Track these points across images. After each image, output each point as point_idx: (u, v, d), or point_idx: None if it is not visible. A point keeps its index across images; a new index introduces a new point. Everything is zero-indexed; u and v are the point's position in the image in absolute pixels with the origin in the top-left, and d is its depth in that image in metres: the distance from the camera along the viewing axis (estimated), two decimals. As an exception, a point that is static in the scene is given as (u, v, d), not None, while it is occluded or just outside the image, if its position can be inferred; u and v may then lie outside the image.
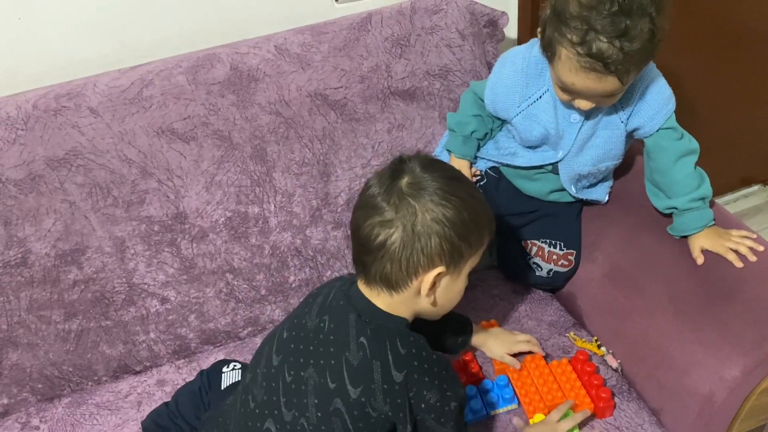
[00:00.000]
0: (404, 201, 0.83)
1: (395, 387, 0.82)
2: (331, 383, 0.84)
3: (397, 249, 0.83)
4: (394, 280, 0.85)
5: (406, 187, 0.84)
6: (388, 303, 0.88)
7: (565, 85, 1.01)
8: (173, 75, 1.18)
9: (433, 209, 0.83)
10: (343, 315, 0.87)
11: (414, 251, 0.83)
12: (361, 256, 0.86)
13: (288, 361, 0.88)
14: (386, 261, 0.84)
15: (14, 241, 1.11)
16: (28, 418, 1.15)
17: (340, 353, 0.84)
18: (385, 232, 0.83)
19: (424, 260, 0.84)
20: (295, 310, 0.94)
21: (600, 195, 1.25)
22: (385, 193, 0.84)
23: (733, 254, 1.09)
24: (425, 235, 0.82)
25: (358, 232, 0.86)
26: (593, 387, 1.09)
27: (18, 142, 1.10)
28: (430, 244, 0.83)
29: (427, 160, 0.88)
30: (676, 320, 1.08)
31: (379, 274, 0.85)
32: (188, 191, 1.18)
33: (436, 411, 0.84)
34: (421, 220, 0.82)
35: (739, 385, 1.00)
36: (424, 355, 0.85)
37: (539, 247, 1.25)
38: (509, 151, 1.22)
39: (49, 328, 1.15)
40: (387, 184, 0.85)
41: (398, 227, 0.82)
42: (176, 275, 1.19)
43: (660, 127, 1.10)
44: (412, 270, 0.84)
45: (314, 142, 1.24)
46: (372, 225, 0.83)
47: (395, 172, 0.85)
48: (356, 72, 1.25)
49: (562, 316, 1.27)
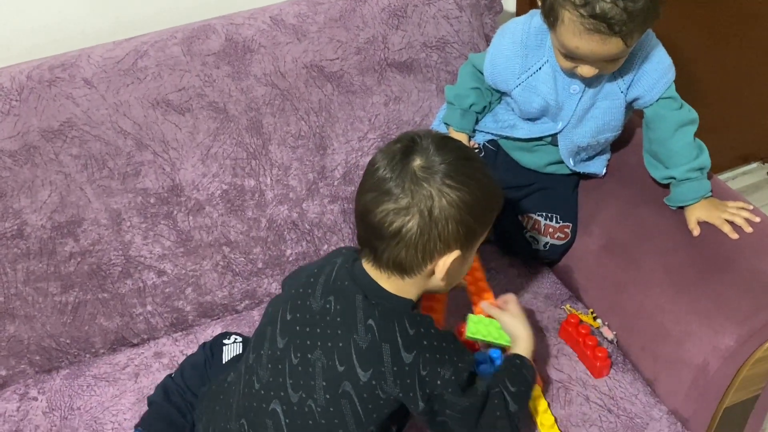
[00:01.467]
0: (419, 185, 0.80)
1: (405, 368, 0.82)
2: (340, 366, 0.83)
3: (413, 236, 0.81)
4: (408, 265, 0.83)
5: (420, 170, 0.81)
6: (398, 286, 0.86)
7: (569, 50, 1.00)
8: (168, 46, 1.17)
9: (449, 193, 0.80)
10: (350, 296, 0.86)
11: (431, 237, 0.81)
12: (371, 240, 0.84)
13: (294, 343, 0.87)
14: (401, 248, 0.82)
15: (9, 213, 1.11)
16: (27, 389, 1.16)
17: (348, 336, 0.84)
18: (401, 219, 0.80)
19: (441, 245, 0.82)
20: (296, 290, 0.92)
21: (597, 168, 1.25)
22: (398, 177, 0.81)
23: (728, 226, 1.09)
24: (442, 220, 0.81)
25: (368, 217, 0.83)
26: (588, 348, 1.10)
27: (12, 113, 1.10)
28: (448, 229, 0.81)
29: (439, 139, 0.84)
30: (672, 291, 1.09)
31: (393, 260, 0.83)
32: (184, 163, 1.18)
33: (452, 384, 0.84)
34: (438, 205, 0.80)
35: (733, 354, 1.01)
36: (432, 332, 0.85)
37: (536, 221, 1.25)
38: (508, 124, 1.22)
39: (46, 300, 1.15)
40: (399, 166, 0.81)
41: (414, 214, 0.80)
42: (173, 248, 1.19)
43: (660, 97, 1.09)
44: (428, 256, 0.83)
45: (310, 115, 1.23)
46: (386, 211, 0.81)
47: (406, 151, 0.82)
48: (352, 43, 1.24)
49: (558, 289, 1.27)
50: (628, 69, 1.09)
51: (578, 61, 1.02)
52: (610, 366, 1.10)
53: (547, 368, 1.12)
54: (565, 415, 1.06)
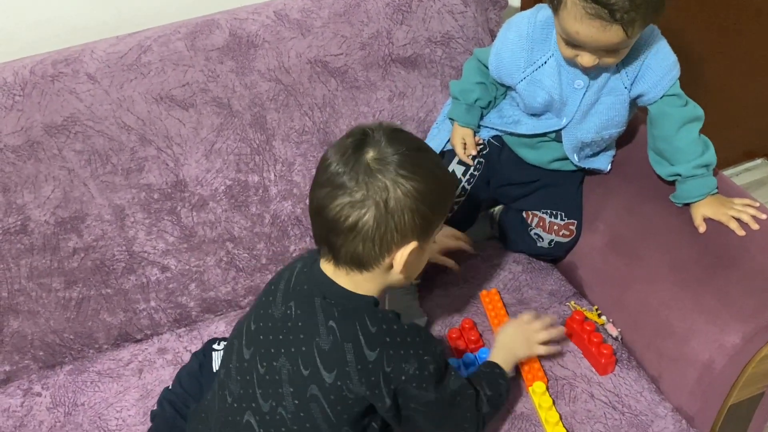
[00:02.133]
0: (373, 177, 0.79)
1: (369, 366, 0.81)
2: (305, 370, 0.82)
3: (370, 229, 0.80)
4: (366, 259, 0.82)
5: (373, 162, 0.79)
6: (356, 281, 0.85)
7: (570, 35, 1.00)
8: (171, 41, 1.16)
9: (404, 183, 0.79)
10: (309, 299, 0.85)
11: (388, 229, 0.80)
12: (328, 237, 0.82)
13: (259, 352, 0.86)
14: (358, 242, 0.81)
15: (13, 209, 1.11)
16: (30, 384, 1.16)
17: (310, 339, 0.83)
18: (356, 212, 0.79)
19: (398, 237, 0.81)
20: (259, 300, 0.91)
21: (602, 164, 1.24)
22: (352, 171, 0.79)
23: (735, 222, 1.09)
24: (398, 211, 0.80)
25: (323, 213, 0.81)
26: (593, 344, 1.10)
27: (15, 108, 1.09)
28: (404, 220, 0.80)
29: (390, 130, 0.83)
30: (677, 288, 1.08)
31: (350, 255, 0.82)
32: (188, 159, 1.17)
33: (416, 379, 0.83)
34: (393, 196, 0.79)
35: (739, 352, 1.01)
36: (395, 328, 0.84)
37: (540, 218, 1.25)
38: (513, 120, 1.21)
39: (50, 295, 1.15)
40: (351, 159, 0.80)
41: (370, 207, 0.79)
42: (176, 244, 1.19)
43: (664, 94, 1.09)
44: (385, 248, 0.82)
45: (314, 110, 1.23)
46: (341, 206, 0.79)
47: (358, 145, 0.81)
48: (357, 38, 1.23)
49: (563, 286, 1.27)
50: (632, 65, 1.08)
51: (579, 48, 1.02)
52: (614, 363, 1.10)
53: (552, 365, 1.12)
54: (570, 411, 1.06)
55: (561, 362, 1.12)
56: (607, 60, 1.03)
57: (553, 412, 1.03)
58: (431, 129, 1.30)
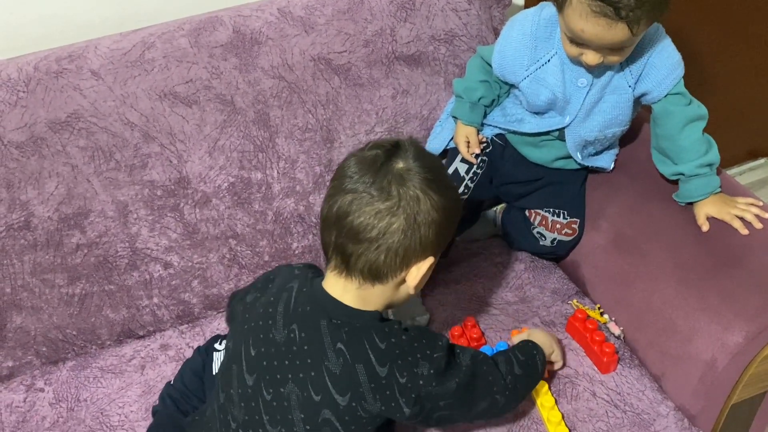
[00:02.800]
0: (405, 187, 0.79)
1: (382, 381, 0.81)
2: (316, 395, 0.81)
3: (396, 239, 0.79)
4: (384, 271, 0.81)
5: (405, 173, 0.79)
6: (365, 296, 0.83)
7: (575, 34, 0.99)
8: (175, 38, 1.16)
9: (433, 197, 0.80)
10: (313, 322, 0.83)
11: (413, 241, 0.80)
12: (345, 246, 0.81)
13: (264, 379, 0.84)
14: (381, 251, 0.79)
15: (17, 205, 1.11)
16: (33, 380, 1.16)
17: (319, 363, 0.82)
18: (386, 221, 0.78)
19: (420, 250, 0.81)
20: (255, 323, 0.88)
21: (606, 162, 1.24)
22: (384, 180, 0.79)
23: (738, 221, 1.09)
24: (425, 224, 0.79)
25: (344, 220, 0.79)
26: (596, 343, 1.10)
27: (20, 105, 1.09)
28: (428, 234, 0.80)
29: (417, 145, 0.84)
30: (680, 287, 1.08)
31: (369, 266, 0.81)
32: (191, 156, 1.17)
33: (433, 378, 0.83)
34: (424, 208, 0.79)
35: (742, 351, 1.00)
36: (403, 338, 0.83)
37: (543, 217, 1.25)
38: (516, 118, 1.21)
39: (53, 291, 1.15)
40: (382, 169, 0.79)
41: (400, 216, 0.78)
42: (179, 240, 1.19)
43: (668, 93, 1.09)
44: (405, 261, 0.81)
45: (318, 108, 1.23)
46: (369, 213, 0.78)
47: (389, 155, 0.81)
48: (360, 36, 1.23)
49: (565, 284, 1.27)
50: (636, 63, 1.08)
51: (583, 47, 1.02)
52: (617, 362, 1.10)
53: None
54: (572, 410, 1.06)
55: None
56: (612, 58, 1.02)
57: (556, 412, 1.03)
58: (434, 127, 1.30)
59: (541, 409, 1.05)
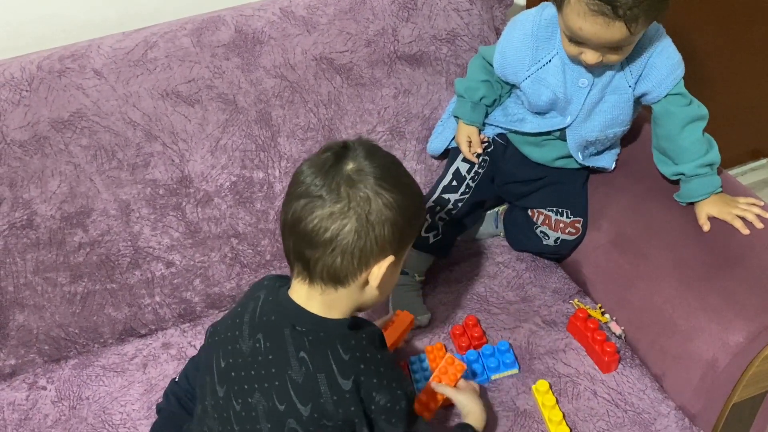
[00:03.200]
0: (355, 188, 0.78)
1: (345, 395, 0.80)
2: (280, 405, 0.81)
3: (350, 241, 0.78)
4: (344, 274, 0.80)
5: (354, 173, 0.79)
6: (330, 301, 0.83)
7: (573, 32, 1.00)
8: (178, 37, 1.17)
9: (385, 195, 0.79)
10: (278, 331, 0.83)
11: (368, 241, 0.79)
12: (303, 252, 0.80)
13: (233, 390, 0.84)
14: (337, 255, 0.79)
15: (20, 203, 1.11)
16: (36, 378, 1.16)
17: (282, 372, 0.81)
18: (337, 224, 0.78)
19: (377, 250, 0.80)
20: (224, 335, 0.88)
21: (607, 162, 1.24)
22: (332, 182, 0.78)
23: (739, 221, 1.09)
24: (379, 223, 0.79)
25: (299, 226, 0.79)
26: (597, 342, 1.10)
27: (23, 104, 1.10)
28: (384, 233, 0.79)
29: (368, 144, 0.83)
30: (681, 287, 1.08)
31: (327, 270, 0.80)
32: (193, 155, 1.18)
33: (386, 412, 0.83)
34: (375, 207, 0.78)
35: (743, 351, 1.01)
36: (368, 356, 0.82)
37: (546, 216, 1.25)
38: (517, 118, 1.21)
39: (55, 290, 1.15)
40: (332, 171, 0.79)
41: (351, 217, 0.78)
42: (181, 239, 1.20)
43: (668, 93, 1.09)
44: (363, 262, 0.80)
45: (319, 107, 1.23)
46: (320, 217, 0.78)
47: (338, 157, 0.80)
48: (362, 36, 1.23)
49: (567, 284, 1.27)
50: (636, 63, 1.08)
51: (583, 46, 1.02)
52: (618, 361, 1.10)
53: (555, 363, 1.12)
54: (573, 409, 1.06)
55: (564, 360, 1.13)
56: (611, 57, 1.03)
57: (557, 411, 1.03)
58: (436, 126, 1.30)
59: (542, 409, 1.05)
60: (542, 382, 1.07)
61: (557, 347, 1.14)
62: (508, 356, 1.11)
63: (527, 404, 1.07)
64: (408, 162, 1.30)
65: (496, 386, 1.09)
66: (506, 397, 1.08)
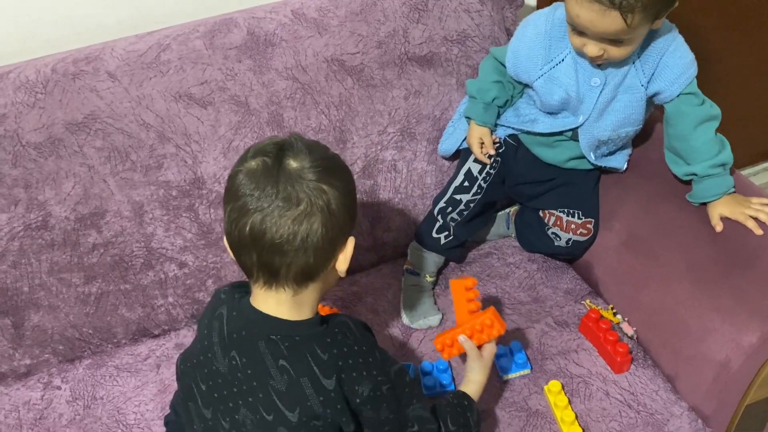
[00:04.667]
0: (307, 184, 0.78)
1: (331, 395, 0.81)
2: (268, 416, 0.81)
3: (320, 236, 0.79)
4: (315, 270, 0.81)
5: (301, 171, 0.79)
6: (300, 300, 0.83)
7: (572, 19, 1.01)
8: (190, 39, 1.17)
9: (334, 182, 0.80)
10: (251, 345, 0.82)
11: (334, 231, 0.80)
12: (271, 262, 0.79)
13: (219, 410, 0.84)
14: (309, 254, 0.79)
15: (35, 205, 1.12)
16: (50, 378, 1.18)
17: (265, 384, 0.81)
18: (305, 225, 0.78)
19: (342, 237, 0.82)
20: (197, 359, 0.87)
21: (619, 163, 1.24)
22: (284, 186, 0.77)
23: (752, 222, 1.08)
24: (339, 210, 0.79)
25: (263, 239, 0.78)
26: (609, 343, 1.10)
27: (38, 106, 1.11)
28: (345, 218, 0.81)
29: (303, 139, 0.82)
30: (693, 288, 1.08)
31: (300, 271, 0.80)
32: (206, 156, 1.19)
33: (370, 401, 0.83)
34: (332, 196, 0.79)
35: (756, 351, 1.00)
36: (345, 351, 0.82)
37: (557, 217, 1.25)
38: (529, 118, 1.21)
39: (70, 290, 1.16)
40: (279, 176, 0.78)
41: (316, 214, 0.78)
42: (194, 240, 1.20)
43: (681, 92, 1.09)
44: (332, 252, 0.81)
45: (331, 109, 1.24)
46: (286, 224, 0.77)
47: (277, 160, 0.79)
48: (373, 37, 1.24)
49: (578, 284, 1.27)
50: (649, 63, 1.08)
51: (584, 36, 1.02)
52: (630, 361, 1.10)
53: (567, 363, 1.12)
54: (585, 410, 1.06)
55: (576, 360, 1.13)
56: (613, 52, 1.02)
57: (569, 411, 1.03)
58: (447, 127, 1.31)
59: (554, 409, 1.05)
60: (554, 382, 1.07)
61: (569, 348, 1.14)
62: (520, 356, 1.11)
63: (539, 404, 1.07)
64: (419, 163, 1.30)
65: (508, 386, 1.09)
66: (518, 397, 1.08)
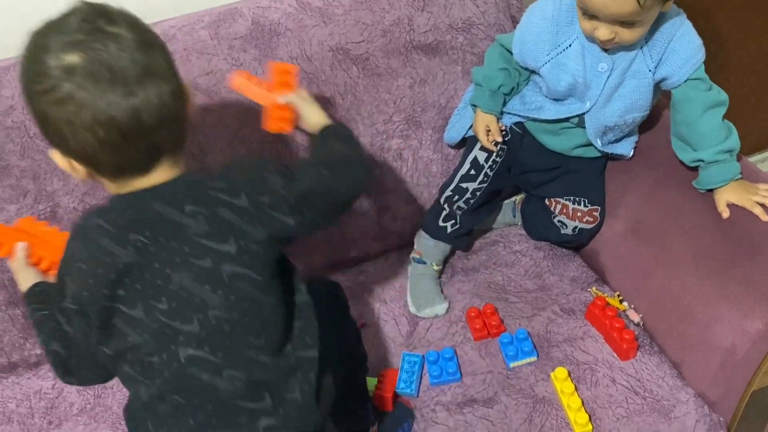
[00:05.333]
0: (147, 45, 0.76)
1: (251, 210, 0.78)
2: (204, 262, 0.77)
3: (184, 93, 0.79)
4: (184, 119, 0.80)
5: (132, 34, 0.76)
6: (177, 161, 0.81)
7: (584, 3, 1.00)
8: (195, 30, 1.17)
9: (156, 34, 0.79)
10: (147, 218, 0.78)
11: (179, 82, 0.78)
12: (154, 141, 0.76)
13: (149, 296, 0.77)
14: (180, 103, 0.78)
15: (43, 195, 1.13)
16: (61, 367, 1.19)
17: (184, 235, 0.77)
18: (166, 84, 0.75)
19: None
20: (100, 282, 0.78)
21: (625, 149, 1.24)
22: (133, 53, 0.74)
23: (759, 208, 1.08)
24: (157, 45, 0.78)
25: (141, 117, 0.73)
26: (615, 330, 1.10)
27: (44, 98, 1.11)
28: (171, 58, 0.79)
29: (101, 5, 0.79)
30: (700, 274, 1.08)
31: (180, 132, 0.79)
32: (212, 146, 1.19)
33: (286, 183, 0.82)
34: (165, 49, 0.78)
35: (762, 338, 1.00)
36: (235, 170, 0.83)
37: (563, 205, 1.25)
38: (535, 105, 1.21)
39: (79, 281, 1.17)
40: (105, 40, 0.74)
41: (174, 73, 0.77)
42: (201, 230, 1.21)
43: (688, 78, 1.08)
44: (185, 96, 0.80)
45: (336, 98, 1.24)
46: (159, 90, 0.74)
47: (99, 29, 0.75)
48: (378, 26, 1.24)
49: (585, 272, 1.27)
50: (656, 48, 1.08)
51: (595, 20, 1.02)
52: (636, 348, 1.10)
53: (574, 350, 1.13)
54: (592, 396, 1.06)
55: (582, 347, 1.13)
56: (624, 35, 1.02)
57: (575, 398, 1.04)
58: (452, 115, 1.30)
59: (561, 396, 1.05)
60: (561, 369, 1.08)
61: (575, 335, 1.15)
62: (526, 344, 1.11)
63: (546, 391, 1.07)
64: (424, 151, 1.30)
65: (514, 374, 1.10)
66: (525, 384, 1.08)
